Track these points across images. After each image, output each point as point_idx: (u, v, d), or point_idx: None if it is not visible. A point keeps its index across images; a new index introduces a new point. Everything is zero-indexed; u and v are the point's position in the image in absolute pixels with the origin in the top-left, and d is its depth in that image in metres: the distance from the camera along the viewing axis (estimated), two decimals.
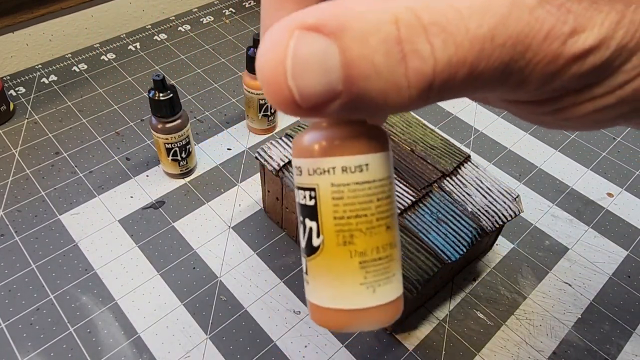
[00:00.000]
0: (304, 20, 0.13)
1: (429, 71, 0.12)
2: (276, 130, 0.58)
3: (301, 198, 0.17)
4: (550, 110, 0.15)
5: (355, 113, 0.13)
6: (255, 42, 0.50)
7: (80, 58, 0.66)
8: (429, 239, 0.37)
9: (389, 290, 0.17)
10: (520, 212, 0.41)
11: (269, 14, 0.17)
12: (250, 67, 0.52)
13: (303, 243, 0.17)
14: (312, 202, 0.17)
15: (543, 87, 0.14)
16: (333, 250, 0.17)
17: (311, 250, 0.17)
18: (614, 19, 0.13)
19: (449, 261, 0.36)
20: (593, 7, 0.13)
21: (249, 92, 0.53)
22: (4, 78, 0.62)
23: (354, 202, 0.16)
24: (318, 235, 0.17)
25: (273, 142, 0.44)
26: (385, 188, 0.17)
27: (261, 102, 0.54)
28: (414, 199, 0.39)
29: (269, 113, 0.55)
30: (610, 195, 0.53)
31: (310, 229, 0.17)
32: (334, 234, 0.17)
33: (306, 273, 0.18)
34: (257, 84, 0.53)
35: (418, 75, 0.12)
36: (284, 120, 0.59)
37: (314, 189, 0.17)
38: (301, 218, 0.17)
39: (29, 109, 0.58)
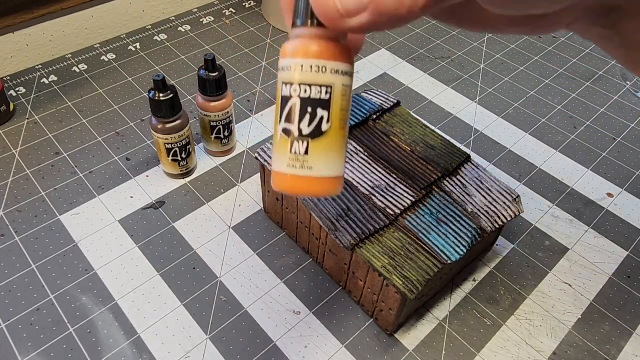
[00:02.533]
0: None
1: None
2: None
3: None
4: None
5: (378, 21, 0.18)
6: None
7: (80, 58, 0.66)
8: (429, 239, 0.37)
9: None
10: (520, 213, 0.41)
11: None
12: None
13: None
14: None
15: None
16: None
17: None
18: None
19: (449, 261, 0.36)
20: None
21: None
22: (4, 78, 0.62)
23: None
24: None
25: (273, 142, 0.44)
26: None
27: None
28: (414, 199, 0.39)
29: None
30: (610, 195, 0.53)
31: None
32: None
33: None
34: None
35: None
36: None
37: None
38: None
39: (29, 109, 0.58)
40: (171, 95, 0.45)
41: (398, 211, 0.39)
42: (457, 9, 0.22)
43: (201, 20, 0.74)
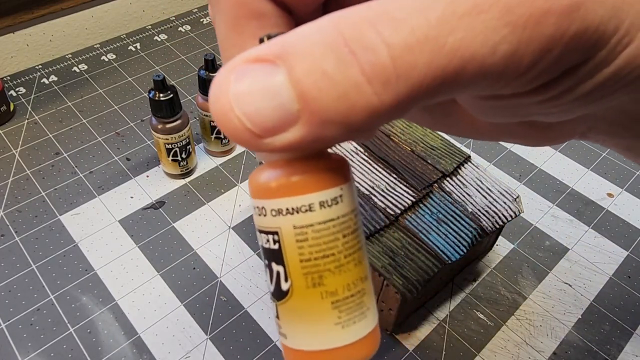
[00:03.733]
0: (244, 56, 0.13)
1: (385, 59, 0.11)
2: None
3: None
4: (537, 100, 0.13)
5: (325, 133, 0.12)
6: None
7: (80, 58, 0.66)
8: (429, 239, 0.37)
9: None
10: (520, 213, 0.41)
11: (225, 48, 0.17)
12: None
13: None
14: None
15: (541, 60, 0.12)
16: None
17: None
18: None
19: (449, 261, 0.36)
20: None
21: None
22: (4, 78, 0.62)
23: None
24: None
25: None
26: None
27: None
28: (414, 200, 0.39)
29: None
30: (610, 195, 0.53)
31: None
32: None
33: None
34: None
35: (373, 66, 0.11)
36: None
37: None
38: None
39: (29, 109, 0.58)
40: (171, 95, 0.45)
41: (398, 211, 0.39)
42: (438, 115, 0.18)
43: (201, 20, 0.74)
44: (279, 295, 0.17)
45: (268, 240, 0.16)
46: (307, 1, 0.16)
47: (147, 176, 0.52)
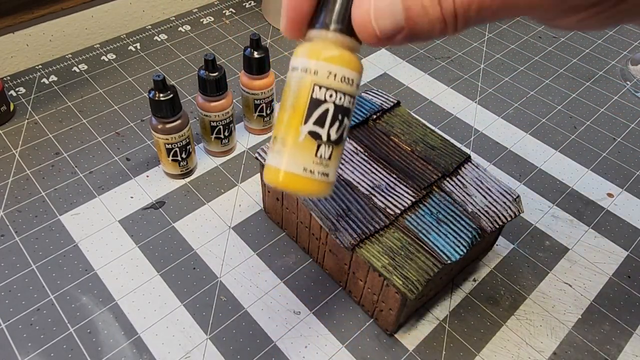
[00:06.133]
0: None
1: (451, 8, 0.18)
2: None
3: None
4: (574, 21, 0.18)
5: (411, 40, 0.20)
6: (252, 43, 0.50)
7: (80, 58, 0.66)
8: (429, 239, 0.37)
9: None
10: (520, 213, 0.41)
11: None
12: (248, 67, 0.51)
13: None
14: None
15: None
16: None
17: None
18: None
19: (449, 261, 0.36)
20: None
21: (245, 92, 0.53)
22: (4, 78, 0.62)
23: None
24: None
25: None
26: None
27: (256, 102, 0.53)
28: (414, 200, 0.39)
29: (264, 113, 0.55)
30: (610, 195, 0.53)
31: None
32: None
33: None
34: (254, 83, 0.52)
35: (447, 11, 0.18)
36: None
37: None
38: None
39: (29, 109, 0.58)
40: (171, 95, 0.45)
41: (398, 211, 0.39)
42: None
43: (201, 20, 0.74)
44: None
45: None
46: None
47: (147, 176, 0.52)
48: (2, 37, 0.63)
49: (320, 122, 0.22)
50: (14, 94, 0.60)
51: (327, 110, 0.22)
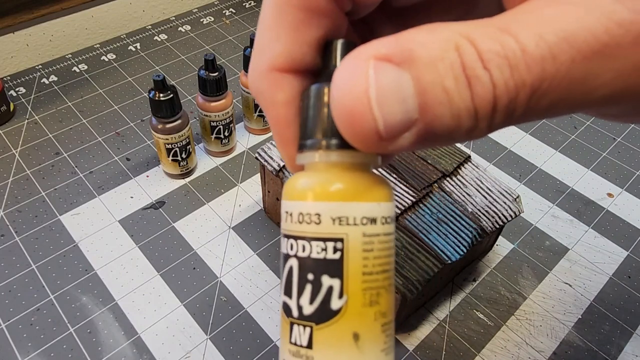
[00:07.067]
0: (376, 50, 0.13)
1: (489, 96, 0.12)
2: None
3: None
4: None
5: (425, 142, 0.13)
6: (252, 42, 0.50)
7: (80, 58, 0.66)
8: (429, 239, 0.37)
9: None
10: (520, 213, 0.41)
11: (270, 19, 0.17)
12: (247, 67, 0.51)
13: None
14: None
15: None
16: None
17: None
18: None
19: (449, 261, 0.36)
20: None
21: (245, 92, 0.53)
22: (4, 78, 0.62)
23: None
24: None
25: (273, 143, 0.44)
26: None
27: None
28: (414, 199, 0.39)
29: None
30: (610, 195, 0.53)
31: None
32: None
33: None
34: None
35: (482, 99, 0.12)
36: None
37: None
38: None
39: (29, 109, 0.58)
40: (171, 95, 0.45)
41: (398, 211, 0.39)
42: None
43: (201, 20, 0.74)
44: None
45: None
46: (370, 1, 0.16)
47: (147, 176, 0.52)
48: (2, 37, 0.63)
49: (286, 289, 0.15)
50: (14, 94, 0.60)
51: (291, 270, 0.15)
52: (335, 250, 0.14)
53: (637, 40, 0.11)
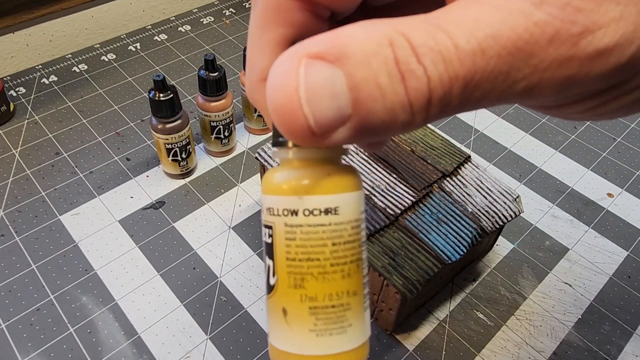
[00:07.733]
0: (308, 49, 0.13)
1: (424, 89, 0.13)
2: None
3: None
4: (579, 110, 0.15)
5: (362, 137, 0.14)
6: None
7: (80, 58, 0.66)
8: (429, 239, 0.37)
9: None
10: (520, 213, 0.41)
11: (255, 37, 0.17)
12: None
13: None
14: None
15: (562, 92, 0.13)
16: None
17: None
18: (633, 10, 0.12)
19: (449, 261, 0.36)
20: (607, 0, 0.12)
21: (245, 92, 0.53)
22: (4, 78, 0.62)
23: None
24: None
25: None
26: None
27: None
28: (414, 199, 0.39)
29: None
30: (610, 195, 0.53)
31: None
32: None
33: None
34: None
35: (417, 92, 0.13)
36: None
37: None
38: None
39: (29, 109, 0.58)
40: (171, 95, 0.45)
41: (398, 211, 0.39)
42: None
43: (201, 20, 0.74)
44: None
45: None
46: (348, 4, 0.17)
47: (147, 176, 0.52)
48: (2, 37, 0.63)
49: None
50: (14, 94, 0.60)
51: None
52: (269, 235, 0.17)
53: (551, 39, 0.12)
